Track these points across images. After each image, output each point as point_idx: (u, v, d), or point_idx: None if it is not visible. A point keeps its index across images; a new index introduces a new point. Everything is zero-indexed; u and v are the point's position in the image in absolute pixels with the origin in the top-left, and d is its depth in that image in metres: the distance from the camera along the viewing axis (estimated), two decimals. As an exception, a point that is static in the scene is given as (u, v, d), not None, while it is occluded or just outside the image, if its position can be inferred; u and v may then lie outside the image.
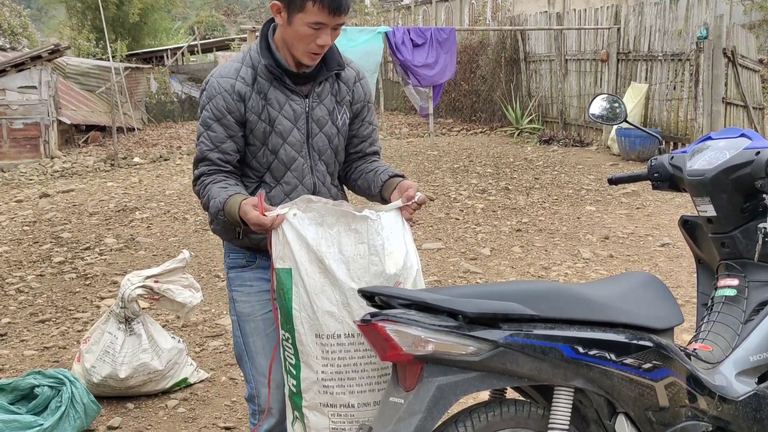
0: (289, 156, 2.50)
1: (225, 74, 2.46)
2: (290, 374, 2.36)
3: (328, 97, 2.53)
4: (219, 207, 2.36)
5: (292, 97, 2.48)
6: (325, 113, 2.53)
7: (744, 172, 2.50)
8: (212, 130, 2.45)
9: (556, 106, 13.57)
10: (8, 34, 22.75)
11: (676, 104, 10.95)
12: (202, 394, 4.06)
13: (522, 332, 2.02)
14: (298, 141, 2.50)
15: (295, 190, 2.52)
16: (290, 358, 2.34)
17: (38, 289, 5.90)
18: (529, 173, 10.05)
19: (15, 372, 4.33)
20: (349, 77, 2.59)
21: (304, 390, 2.30)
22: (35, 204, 9.49)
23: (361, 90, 2.62)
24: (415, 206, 2.38)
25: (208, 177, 2.46)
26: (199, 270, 6.14)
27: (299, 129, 2.50)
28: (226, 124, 2.44)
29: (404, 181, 2.46)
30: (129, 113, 18.06)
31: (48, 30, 38.19)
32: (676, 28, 10.79)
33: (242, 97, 2.44)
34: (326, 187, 2.59)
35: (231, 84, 2.44)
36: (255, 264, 2.57)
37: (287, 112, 2.47)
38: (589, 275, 5.79)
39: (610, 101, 3.02)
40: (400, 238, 2.34)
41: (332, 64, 2.52)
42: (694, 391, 2.28)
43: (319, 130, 2.53)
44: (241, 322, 2.59)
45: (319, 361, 2.26)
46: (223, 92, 2.43)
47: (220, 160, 2.46)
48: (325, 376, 2.27)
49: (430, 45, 11.37)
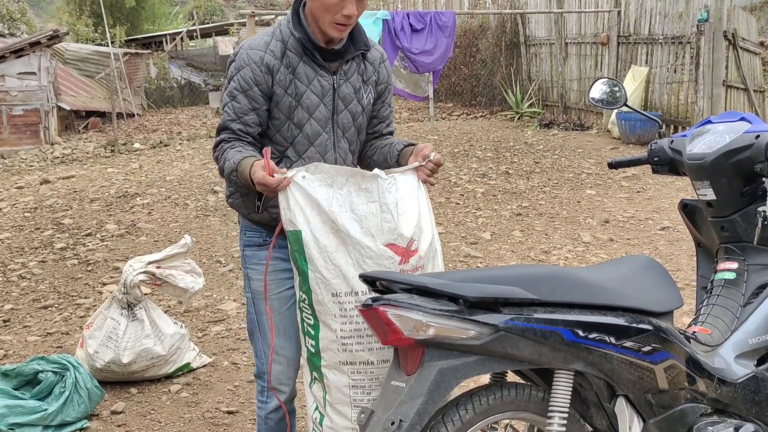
0: (314, 130, 2.51)
1: (255, 46, 2.46)
2: (308, 335, 2.37)
3: (355, 75, 2.55)
4: (233, 167, 2.36)
5: (320, 73, 2.48)
6: (351, 91, 2.55)
7: (744, 155, 2.51)
8: (237, 101, 2.45)
9: (556, 89, 13.54)
10: (7, 19, 22.64)
11: (676, 87, 10.93)
12: (204, 379, 4.09)
13: (522, 316, 2.03)
14: (323, 116, 2.51)
15: None
16: (308, 318, 2.35)
17: (40, 276, 5.92)
18: (529, 157, 10.04)
19: (19, 358, 4.35)
20: (375, 58, 2.62)
21: (323, 349, 2.32)
22: (36, 190, 9.50)
23: (385, 71, 2.66)
24: (431, 166, 2.42)
25: (227, 143, 2.47)
26: (201, 255, 6.16)
27: (326, 105, 2.51)
28: (252, 96, 2.45)
29: (420, 144, 2.51)
30: (128, 99, 18.03)
31: (46, 16, 38.02)
32: (677, 10, 10.75)
33: (270, 69, 2.44)
34: (347, 165, 2.59)
35: (260, 56, 2.44)
36: (271, 243, 2.57)
37: (315, 87, 2.48)
38: (589, 259, 5.80)
39: (610, 85, 3.03)
40: (414, 200, 2.36)
41: (359, 44, 2.54)
42: (693, 374, 2.29)
43: (344, 107, 2.54)
44: (256, 300, 2.61)
45: (338, 319, 2.28)
46: (251, 64, 2.44)
47: (241, 131, 2.47)
48: (344, 334, 2.28)
49: (429, 30, 11.32)
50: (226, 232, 6.82)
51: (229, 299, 5.23)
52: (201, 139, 13.73)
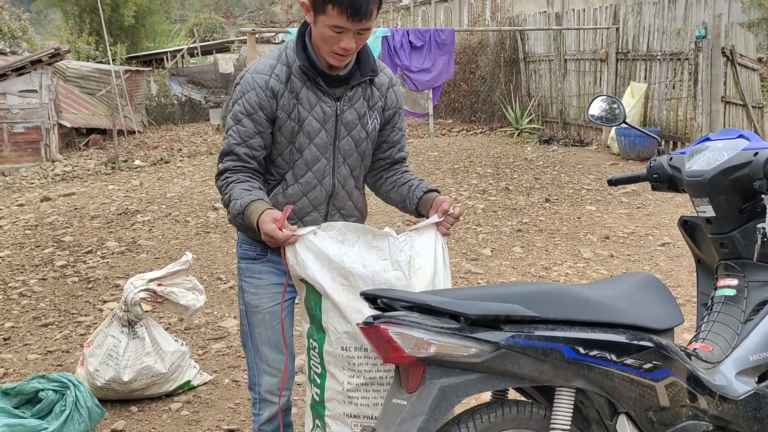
0: (313, 156, 2.51)
1: (260, 70, 2.47)
2: (314, 383, 2.38)
3: (360, 101, 2.54)
4: (240, 210, 2.37)
5: (323, 99, 2.48)
6: (355, 117, 2.53)
7: (742, 172, 2.52)
8: (242, 124, 2.46)
9: (555, 105, 13.59)
10: (8, 37, 22.75)
11: (675, 103, 10.97)
12: (205, 397, 4.08)
13: (523, 334, 2.04)
14: (324, 142, 2.51)
15: (313, 190, 2.54)
16: (315, 367, 2.36)
17: (41, 293, 5.92)
18: (529, 173, 10.06)
19: (19, 376, 4.35)
20: (382, 83, 2.59)
21: (327, 399, 2.33)
22: (37, 208, 9.51)
23: (393, 96, 2.62)
24: (451, 220, 2.42)
25: (232, 174, 2.46)
26: (201, 272, 6.16)
27: (327, 131, 2.51)
28: (257, 119, 2.45)
29: (439, 196, 2.49)
30: (129, 116, 18.10)
31: (47, 33, 38.22)
32: (675, 27, 10.80)
33: (275, 94, 2.45)
34: (346, 190, 2.60)
35: (265, 80, 2.45)
36: (266, 258, 2.59)
37: (317, 113, 2.48)
38: (589, 275, 5.81)
39: (609, 102, 3.04)
40: (430, 256, 2.36)
41: (366, 69, 2.52)
42: (694, 391, 2.29)
43: (347, 134, 2.54)
44: (249, 313, 2.62)
45: (345, 372, 2.30)
46: (257, 88, 2.45)
47: (247, 156, 2.46)
48: (350, 387, 2.30)
49: (428, 48, 11.37)
50: (226, 249, 6.82)
51: (230, 316, 5.22)
52: (201, 155, 13.76)
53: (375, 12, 2.32)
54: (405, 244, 2.34)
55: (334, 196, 2.57)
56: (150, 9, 30.62)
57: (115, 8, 27.28)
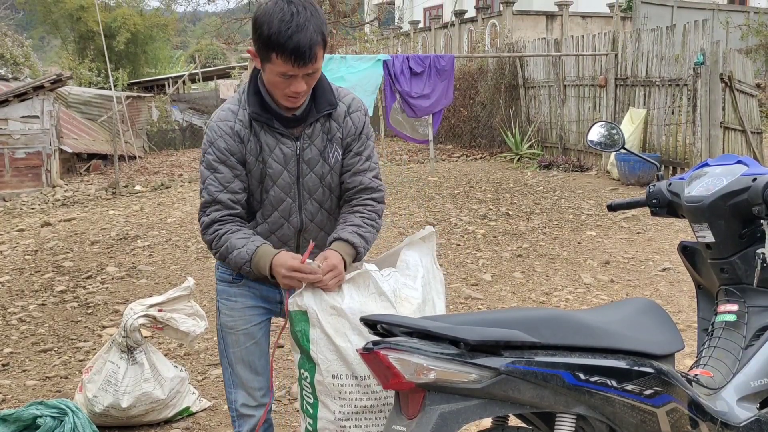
0: (278, 197, 2.52)
1: (223, 118, 2.49)
2: (307, 413, 2.39)
3: (320, 136, 2.52)
4: (247, 257, 2.40)
5: (282, 141, 2.48)
6: (316, 153, 2.52)
7: (741, 198, 2.52)
8: (219, 171, 2.46)
9: (555, 131, 13.64)
10: (11, 64, 22.91)
11: (674, 129, 11.01)
12: (204, 423, 4.05)
13: (523, 359, 2.03)
14: (287, 183, 2.52)
15: (281, 228, 2.56)
16: (308, 397, 2.37)
17: (40, 319, 5.90)
18: (529, 198, 10.08)
19: (17, 402, 4.32)
20: (339, 113, 2.53)
21: (320, 429, 2.33)
22: (37, 233, 9.52)
23: (351, 123, 2.55)
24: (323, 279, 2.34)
25: (222, 226, 2.47)
26: (201, 298, 6.15)
27: (289, 171, 2.51)
28: (231, 164, 2.46)
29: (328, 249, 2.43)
30: (130, 141, 18.16)
31: (49, 59, 38.45)
32: (673, 53, 10.88)
33: (241, 138, 2.46)
34: (315, 224, 2.60)
35: (230, 126, 2.46)
36: (241, 282, 2.62)
37: (277, 155, 2.48)
38: (590, 300, 5.79)
39: (608, 128, 3.05)
40: (417, 285, 2.40)
41: (322, 105, 2.49)
42: (695, 417, 2.28)
43: (309, 171, 2.53)
44: (224, 333, 2.67)
45: (337, 401, 2.30)
46: (224, 135, 2.46)
47: (231, 201, 2.47)
48: (342, 416, 2.29)
49: (428, 74, 11.43)
50: (226, 275, 6.81)
51: (229, 342, 5.20)
52: (202, 181, 13.77)
53: (320, 52, 2.31)
54: (389, 277, 2.38)
55: (303, 230, 2.59)
56: (151, 36, 30.91)
57: (109, 35, 27.53)
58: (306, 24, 2.25)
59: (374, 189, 2.59)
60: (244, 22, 24.86)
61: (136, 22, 29.72)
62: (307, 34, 2.25)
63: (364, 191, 2.58)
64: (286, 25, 2.23)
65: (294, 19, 2.24)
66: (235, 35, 27.36)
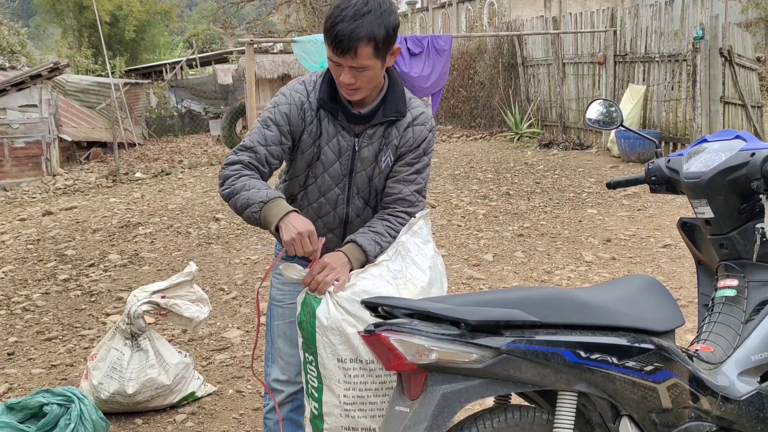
0: (327, 185, 2.56)
1: (299, 90, 2.51)
2: (312, 397, 2.40)
3: (379, 139, 2.53)
4: (263, 199, 2.36)
5: (342, 133, 2.51)
6: (371, 154, 2.54)
7: (740, 173, 2.52)
8: (270, 129, 2.48)
9: (555, 109, 13.61)
10: (7, 52, 22.85)
11: (674, 105, 10.98)
12: (209, 408, 4.08)
13: (524, 338, 2.04)
14: (338, 174, 2.55)
15: (327, 215, 2.61)
16: (313, 381, 2.38)
17: (44, 307, 5.92)
18: (529, 178, 10.07)
19: (23, 391, 4.35)
20: (403, 123, 2.53)
21: (326, 414, 2.34)
22: (38, 222, 9.53)
23: (411, 134, 2.54)
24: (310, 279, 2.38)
25: (245, 169, 2.46)
26: (204, 284, 6.17)
27: (342, 163, 2.54)
28: (283, 131, 2.49)
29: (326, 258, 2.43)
30: (129, 129, 18.13)
31: (45, 48, 38.33)
32: (672, 29, 10.83)
33: (305, 118, 2.49)
34: (361, 218, 2.63)
35: (301, 101, 2.49)
36: (294, 259, 2.59)
37: (333, 145, 2.52)
38: (592, 278, 5.81)
39: (606, 106, 3.05)
40: (424, 268, 2.41)
41: (390, 111, 2.50)
42: (696, 392, 2.29)
43: (362, 169, 2.56)
44: (271, 305, 2.73)
45: (341, 385, 2.31)
46: (291, 103, 2.48)
47: (265, 157, 2.47)
48: (347, 400, 2.31)
49: (426, 54, 11.39)
50: (228, 260, 6.83)
51: (233, 327, 5.23)
52: (202, 167, 13.78)
53: (366, 50, 2.29)
54: (396, 257, 2.41)
55: (349, 223, 2.62)
56: (149, 22, 30.81)
57: (114, 23, 27.42)
58: (357, 17, 2.27)
59: (411, 203, 2.57)
60: (241, 6, 24.73)
61: (138, 9, 29.66)
62: (351, 26, 2.26)
63: (401, 202, 2.57)
64: (338, 12, 2.28)
65: (348, 10, 2.27)
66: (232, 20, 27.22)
